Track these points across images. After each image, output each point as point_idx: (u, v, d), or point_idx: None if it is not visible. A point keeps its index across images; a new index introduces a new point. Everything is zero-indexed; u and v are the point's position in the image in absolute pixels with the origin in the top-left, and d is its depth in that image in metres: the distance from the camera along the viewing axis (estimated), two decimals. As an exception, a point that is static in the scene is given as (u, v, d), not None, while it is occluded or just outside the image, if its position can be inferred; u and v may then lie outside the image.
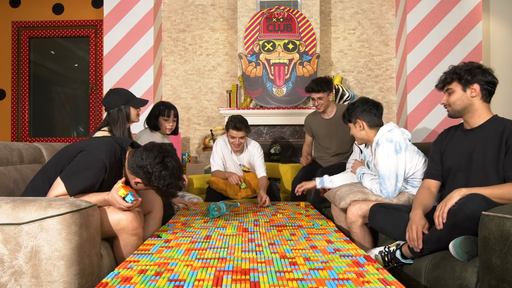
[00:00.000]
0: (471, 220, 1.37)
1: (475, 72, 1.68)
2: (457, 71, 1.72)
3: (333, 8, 4.64)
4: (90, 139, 1.77)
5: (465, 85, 1.69)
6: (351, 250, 1.53)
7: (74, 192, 1.59)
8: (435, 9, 4.17)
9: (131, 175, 1.72)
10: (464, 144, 1.74)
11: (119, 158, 1.72)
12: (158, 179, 1.64)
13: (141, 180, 1.69)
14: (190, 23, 4.70)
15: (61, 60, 5.14)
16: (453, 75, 1.72)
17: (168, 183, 1.66)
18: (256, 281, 1.18)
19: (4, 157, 1.92)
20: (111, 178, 1.70)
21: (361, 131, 2.15)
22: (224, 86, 4.69)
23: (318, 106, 3.11)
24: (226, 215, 2.31)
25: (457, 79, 1.71)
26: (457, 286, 1.39)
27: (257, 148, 3.13)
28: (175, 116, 2.80)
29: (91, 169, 1.62)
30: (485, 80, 1.67)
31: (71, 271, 1.33)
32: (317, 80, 3.09)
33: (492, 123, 1.67)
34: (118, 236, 1.65)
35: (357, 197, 2.06)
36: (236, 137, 2.95)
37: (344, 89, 4.33)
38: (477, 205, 1.37)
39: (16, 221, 1.32)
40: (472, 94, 1.68)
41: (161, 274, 1.26)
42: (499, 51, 4.46)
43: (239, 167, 3.17)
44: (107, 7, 4.38)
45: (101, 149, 1.66)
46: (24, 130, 4.96)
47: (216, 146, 3.14)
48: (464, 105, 1.71)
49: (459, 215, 1.41)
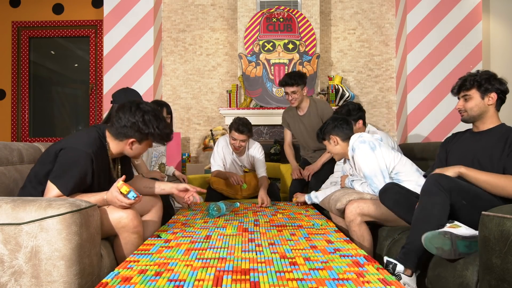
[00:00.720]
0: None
1: (494, 81, 1.78)
2: (477, 79, 1.80)
3: (333, 8, 4.64)
4: (68, 136, 1.76)
5: (484, 93, 1.79)
6: (351, 250, 1.53)
7: (68, 191, 1.58)
8: (435, 9, 4.17)
9: (121, 142, 1.71)
10: (470, 144, 1.85)
11: (102, 145, 1.70)
12: (146, 125, 1.65)
13: (133, 138, 1.68)
14: (190, 23, 4.70)
15: (61, 60, 5.14)
16: (473, 82, 1.81)
17: (157, 125, 1.68)
18: (256, 281, 1.18)
19: (4, 157, 1.92)
20: (99, 168, 1.68)
21: (335, 146, 2.26)
22: (224, 86, 4.69)
23: (292, 101, 3.03)
24: (226, 215, 2.31)
25: (477, 86, 1.80)
26: (457, 284, 1.39)
27: (258, 148, 3.13)
28: (168, 114, 2.78)
29: (77, 164, 1.59)
30: (502, 89, 1.78)
31: (71, 271, 1.33)
32: (291, 74, 3.00)
33: (499, 129, 1.79)
34: (119, 234, 1.65)
35: (352, 197, 2.08)
36: (237, 140, 2.94)
37: (344, 89, 4.33)
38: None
39: (16, 221, 1.32)
40: (489, 102, 1.79)
41: (161, 274, 1.26)
42: (499, 51, 4.46)
43: (240, 168, 3.16)
44: (107, 7, 4.38)
45: (80, 142, 1.63)
46: (24, 130, 4.96)
47: (217, 146, 3.13)
48: (481, 112, 1.81)
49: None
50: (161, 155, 2.89)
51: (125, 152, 1.77)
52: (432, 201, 1.55)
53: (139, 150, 1.76)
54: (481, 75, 1.80)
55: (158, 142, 1.78)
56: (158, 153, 2.86)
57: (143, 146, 1.75)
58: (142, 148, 1.77)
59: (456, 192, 1.55)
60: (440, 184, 1.56)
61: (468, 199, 1.57)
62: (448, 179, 1.58)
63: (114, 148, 1.75)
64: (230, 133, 2.98)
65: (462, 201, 1.56)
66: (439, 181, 1.57)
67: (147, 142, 1.75)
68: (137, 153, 1.77)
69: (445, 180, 1.57)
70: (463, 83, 1.84)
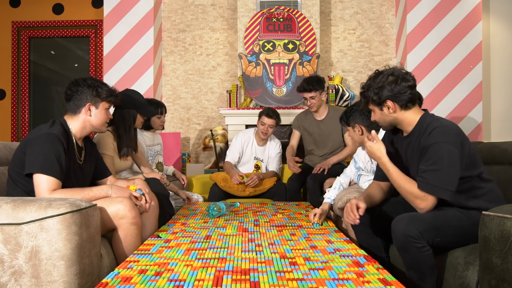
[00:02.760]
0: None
1: (382, 88, 1.61)
2: (364, 93, 1.68)
3: (333, 8, 4.64)
4: (29, 133, 1.79)
5: (379, 105, 1.65)
6: (351, 250, 1.53)
7: (55, 172, 1.57)
8: (435, 9, 4.17)
9: (80, 114, 1.78)
10: (400, 150, 1.73)
11: (64, 130, 1.72)
12: (91, 86, 1.78)
13: (87, 102, 1.77)
14: (190, 23, 4.70)
15: (61, 60, 5.13)
16: (364, 99, 1.70)
17: (100, 83, 1.82)
18: (256, 281, 1.18)
19: (4, 157, 1.93)
20: (69, 152, 1.69)
21: (360, 134, 2.21)
22: (224, 86, 4.69)
23: (311, 106, 3.10)
24: (226, 215, 2.31)
25: (371, 100, 1.66)
26: (458, 285, 1.39)
27: (278, 144, 3.33)
28: (160, 113, 2.90)
29: (46, 144, 1.60)
30: (393, 94, 1.60)
31: (71, 271, 1.33)
32: (309, 79, 3.07)
33: (419, 128, 1.61)
34: (118, 227, 1.65)
35: (353, 195, 2.08)
36: (266, 124, 3.10)
37: (344, 89, 4.33)
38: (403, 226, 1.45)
39: (16, 221, 1.32)
40: (389, 111, 1.64)
41: (161, 274, 1.26)
42: (499, 51, 4.46)
43: (253, 161, 3.28)
44: (107, 7, 4.38)
45: (41, 129, 1.67)
46: (24, 130, 4.96)
47: (236, 139, 3.29)
48: (389, 122, 1.68)
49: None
50: (156, 154, 2.90)
51: (89, 126, 1.80)
52: (417, 257, 1.44)
53: (100, 116, 1.81)
54: (370, 85, 1.65)
55: (109, 100, 1.83)
56: (153, 152, 2.86)
57: (101, 110, 1.81)
58: (102, 113, 1.82)
59: (427, 233, 1.44)
60: (412, 238, 1.42)
61: (440, 234, 1.47)
62: (409, 227, 1.43)
63: (76, 127, 1.78)
64: (260, 118, 3.14)
65: (436, 238, 1.46)
66: (409, 235, 1.43)
67: (102, 104, 1.81)
68: (99, 120, 1.81)
69: (412, 231, 1.42)
70: (360, 99, 1.74)
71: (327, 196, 2.33)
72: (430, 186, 1.48)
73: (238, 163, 3.34)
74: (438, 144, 1.48)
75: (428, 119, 1.61)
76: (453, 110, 4.09)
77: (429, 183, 1.48)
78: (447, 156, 1.46)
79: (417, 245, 1.41)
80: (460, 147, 1.49)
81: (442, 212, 1.52)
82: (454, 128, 1.55)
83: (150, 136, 2.87)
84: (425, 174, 1.49)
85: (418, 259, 1.43)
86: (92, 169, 1.92)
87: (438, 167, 1.47)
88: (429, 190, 1.48)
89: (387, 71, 1.67)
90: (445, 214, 1.51)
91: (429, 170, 1.48)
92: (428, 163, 1.49)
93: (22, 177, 1.64)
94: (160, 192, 2.20)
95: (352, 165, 2.39)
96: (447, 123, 1.57)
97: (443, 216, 1.50)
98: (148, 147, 2.82)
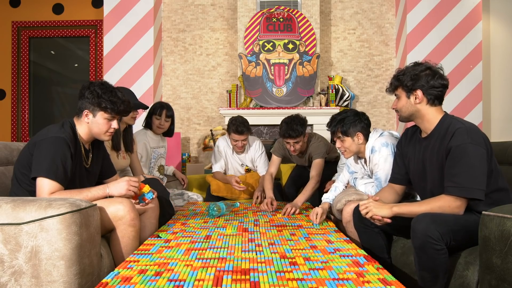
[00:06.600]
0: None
1: (418, 76, 1.63)
2: (399, 77, 1.67)
3: (333, 8, 4.64)
4: (38, 133, 1.77)
5: (409, 92, 1.64)
6: (351, 250, 1.53)
7: (59, 177, 1.58)
8: (435, 9, 4.17)
9: (82, 119, 1.74)
10: (419, 153, 1.70)
11: (72, 132, 1.72)
12: (92, 93, 1.71)
13: (86, 109, 1.73)
14: (190, 23, 4.70)
15: (61, 60, 5.13)
16: (396, 82, 1.69)
17: (109, 96, 1.73)
18: (256, 281, 1.18)
19: (4, 157, 1.93)
20: (76, 155, 1.69)
21: (359, 144, 2.11)
22: (224, 86, 4.69)
23: (295, 151, 2.70)
24: (226, 215, 2.31)
25: (401, 85, 1.67)
26: (458, 284, 1.39)
27: (258, 145, 3.12)
28: (168, 117, 2.78)
29: (53, 148, 1.60)
30: (428, 86, 1.61)
31: (71, 271, 1.33)
32: (291, 123, 2.61)
33: (439, 130, 1.61)
34: (116, 228, 1.64)
35: (351, 197, 2.09)
36: (239, 140, 2.92)
37: (344, 89, 4.33)
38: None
39: (16, 221, 1.31)
40: (416, 101, 1.63)
41: (161, 274, 1.26)
42: (499, 51, 4.46)
43: (241, 167, 3.16)
44: (107, 7, 4.38)
45: (51, 130, 1.67)
46: (24, 130, 4.96)
47: (218, 147, 3.11)
48: (410, 112, 1.67)
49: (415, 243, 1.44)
50: (159, 157, 2.89)
51: (90, 132, 1.77)
52: (433, 258, 1.42)
53: (97, 125, 1.74)
54: (404, 72, 1.66)
55: (113, 112, 1.75)
56: (156, 155, 2.86)
57: (99, 120, 1.73)
58: (100, 123, 1.74)
59: (447, 236, 1.42)
60: (432, 239, 1.40)
61: (456, 238, 1.44)
62: (429, 230, 1.41)
63: (82, 131, 1.77)
64: (230, 135, 2.94)
65: (452, 242, 1.43)
66: (430, 235, 1.40)
67: (100, 114, 1.73)
68: (97, 129, 1.75)
69: (433, 231, 1.40)
70: (391, 81, 1.71)
71: (325, 197, 2.33)
72: (463, 190, 1.46)
73: (228, 170, 3.16)
74: (464, 145, 1.48)
75: (448, 120, 1.61)
76: (453, 110, 4.09)
77: (463, 187, 1.46)
78: (474, 156, 1.46)
79: (436, 247, 1.39)
80: (485, 146, 1.50)
81: (463, 216, 1.50)
82: (477, 128, 1.56)
83: (156, 138, 2.86)
84: (456, 179, 1.48)
85: (435, 261, 1.41)
86: (99, 170, 1.92)
87: (467, 168, 1.46)
88: (464, 194, 1.47)
89: (426, 64, 1.70)
90: (466, 219, 1.49)
91: (459, 173, 1.47)
92: (457, 166, 1.49)
93: (26, 178, 1.65)
94: (160, 192, 2.20)
95: (345, 170, 2.38)
96: (468, 124, 1.57)
97: (464, 221, 1.48)
98: (152, 148, 2.81)
